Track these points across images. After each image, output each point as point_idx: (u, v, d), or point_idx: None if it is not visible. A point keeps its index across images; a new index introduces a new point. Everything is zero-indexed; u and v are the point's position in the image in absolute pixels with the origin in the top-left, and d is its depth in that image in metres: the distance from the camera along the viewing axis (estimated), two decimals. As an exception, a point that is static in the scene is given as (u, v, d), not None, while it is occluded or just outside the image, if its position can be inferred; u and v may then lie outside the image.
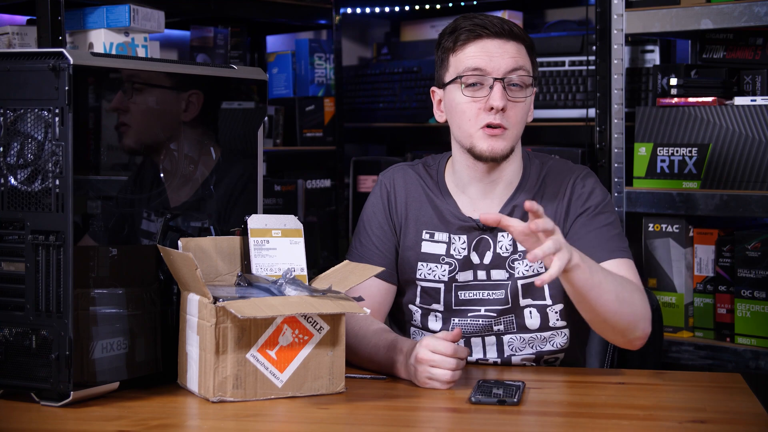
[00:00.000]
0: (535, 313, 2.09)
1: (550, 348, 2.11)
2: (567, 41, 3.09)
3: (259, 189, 2.06)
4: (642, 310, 1.96)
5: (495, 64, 2.03)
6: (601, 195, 2.11)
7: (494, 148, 2.03)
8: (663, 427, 1.67)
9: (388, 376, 1.96)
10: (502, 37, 2.04)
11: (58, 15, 2.46)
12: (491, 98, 2.02)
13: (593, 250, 2.01)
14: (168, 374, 1.87)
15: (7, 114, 1.74)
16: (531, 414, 1.74)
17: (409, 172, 2.19)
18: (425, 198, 2.15)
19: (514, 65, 2.03)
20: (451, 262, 2.11)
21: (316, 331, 1.80)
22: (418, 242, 2.13)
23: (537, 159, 2.17)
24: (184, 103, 1.93)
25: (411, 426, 1.72)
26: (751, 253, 2.69)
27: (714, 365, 2.75)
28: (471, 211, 2.11)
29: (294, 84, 3.47)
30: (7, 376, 1.76)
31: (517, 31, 2.06)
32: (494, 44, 2.04)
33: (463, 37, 2.05)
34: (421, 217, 2.14)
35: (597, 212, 2.08)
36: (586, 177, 2.12)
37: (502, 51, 2.04)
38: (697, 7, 2.74)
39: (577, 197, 2.10)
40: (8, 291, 1.75)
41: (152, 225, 1.88)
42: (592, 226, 2.07)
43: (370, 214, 2.18)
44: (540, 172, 2.14)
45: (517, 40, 2.05)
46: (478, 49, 2.04)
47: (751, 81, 2.79)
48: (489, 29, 2.04)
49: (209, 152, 2.00)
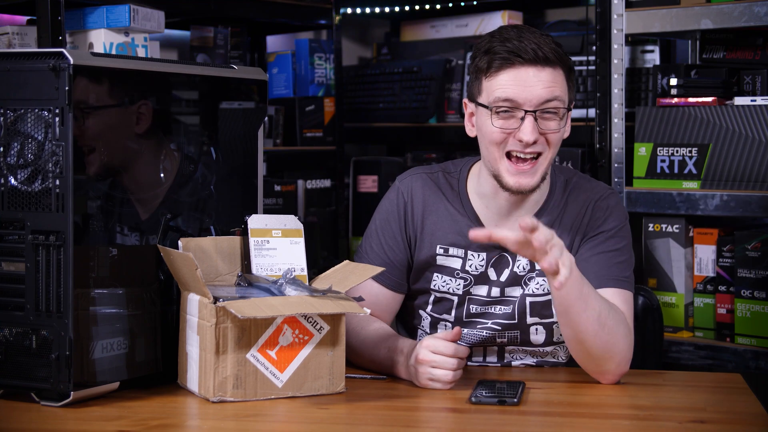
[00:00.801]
0: (541, 330, 2.08)
1: (552, 360, 2.11)
2: (567, 41, 3.09)
3: (259, 189, 2.06)
4: (621, 344, 1.90)
5: (527, 95, 1.94)
6: (618, 218, 2.06)
7: (521, 185, 1.98)
8: (663, 427, 1.67)
9: (389, 377, 1.96)
10: (537, 64, 1.94)
11: (58, 15, 2.46)
12: (521, 132, 1.94)
13: (592, 275, 1.97)
14: (168, 374, 1.87)
15: (7, 114, 1.74)
16: (531, 414, 1.74)
17: (428, 182, 2.11)
18: (444, 211, 2.09)
19: (548, 96, 1.94)
20: (466, 277, 2.07)
21: (316, 331, 1.80)
22: (432, 255, 2.09)
23: (562, 175, 2.11)
24: (134, 117, 1.88)
25: (411, 426, 1.72)
26: (751, 253, 2.69)
27: (714, 365, 2.75)
28: (493, 227, 2.05)
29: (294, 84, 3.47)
30: (7, 376, 1.76)
31: (552, 56, 1.95)
32: (529, 73, 1.94)
33: (496, 64, 1.95)
34: (436, 231, 2.08)
35: (609, 236, 2.04)
36: (606, 198, 2.07)
37: (537, 80, 1.94)
38: (697, 7, 2.74)
39: (594, 219, 2.05)
40: (8, 291, 1.75)
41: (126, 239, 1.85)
42: (599, 250, 2.03)
43: (383, 222, 2.12)
44: (564, 191, 2.09)
45: (553, 66, 1.96)
46: (510, 78, 1.94)
47: (751, 81, 2.79)
48: (523, 57, 1.93)
49: (160, 165, 1.95)
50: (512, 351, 2.09)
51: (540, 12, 3.53)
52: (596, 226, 2.05)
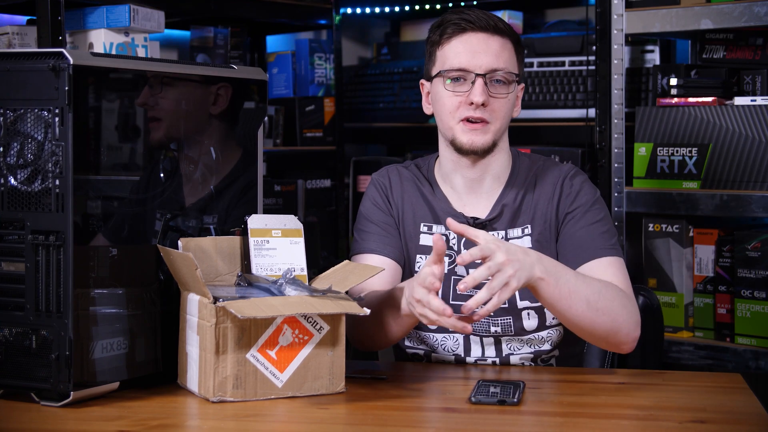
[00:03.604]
0: (533, 314, 2.09)
1: (547, 347, 2.11)
2: (567, 41, 3.09)
3: (259, 189, 2.06)
4: (623, 316, 1.95)
5: (478, 61, 2.03)
6: (590, 192, 2.11)
7: (474, 142, 2.05)
8: (663, 427, 1.67)
9: (388, 376, 1.96)
10: (486, 31, 2.05)
11: (58, 15, 2.46)
12: (472, 93, 2.03)
13: (579, 250, 2.03)
14: (168, 374, 1.87)
15: (7, 114, 1.74)
16: (531, 414, 1.74)
17: (402, 171, 2.21)
18: (419, 194, 2.17)
19: (497, 63, 2.04)
20: (450, 254, 2.11)
21: (316, 331, 1.80)
22: (416, 235, 2.14)
23: (527, 158, 2.18)
24: (212, 96, 1.94)
25: (411, 426, 1.72)
26: (751, 253, 2.69)
27: (714, 365, 2.75)
28: (461, 206, 2.13)
29: (294, 84, 3.47)
30: (7, 376, 1.76)
31: (502, 26, 2.06)
32: (478, 39, 2.05)
33: (449, 31, 2.07)
34: (417, 212, 2.16)
35: (585, 210, 2.09)
36: (574, 176, 2.13)
37: (486, 46, 2.04)
38: (697, 7, 2.74)
39: (565, 196, 2.10)
40: (8, 291, 1.75)
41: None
42: (579, 225, 2.07)
43: (369, 207, 2.19)
44: (529, 170, 2.14)
45: (502, 35, 2.06)
46: (462, 43, 2.05)
47: (751, 81, 2.79)
48: (474, 23, 2.05)
49: (219, 151, 1.99)
50: (509, 341, 2.09)
51: (540, 12, 3.54)
52: (569, 201, 2.09)
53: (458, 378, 1.98)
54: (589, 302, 1.90)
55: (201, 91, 1.94)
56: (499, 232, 2.10)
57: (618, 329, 1.94)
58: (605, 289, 1.95)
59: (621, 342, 1.97)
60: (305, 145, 3.37)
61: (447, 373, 2.02)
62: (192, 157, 1.94)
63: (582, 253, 2.03)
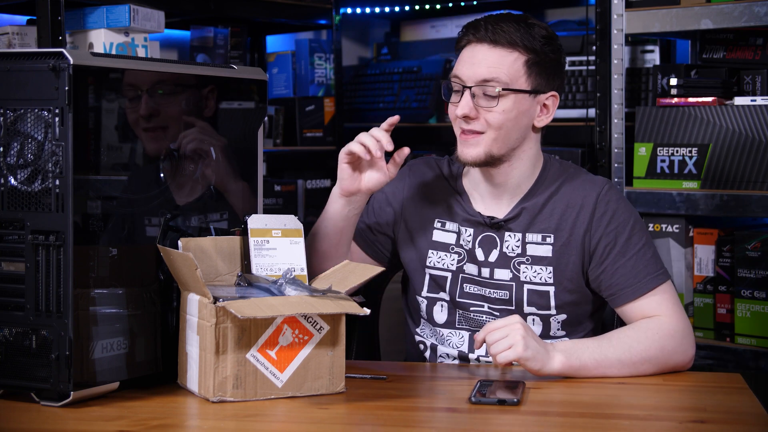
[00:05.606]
0: (537, 321, 2.08)
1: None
2: (567, 41, 3.09)
3: (259, 189, 2.06)
4: (667, 351, 1.96)
5: (468, 72, 2.00)
6: (627, 212, 2.06)
7: (464, 154, 2.03)
8: (663, 427, 1.67)
9: (388, 376, 1.96)
10: (489, 42, 2.00)
11: (58, 15, 2.46)
12: (458, 106, 2.01)
13: (628, 290, 2.01)
14: (168, 374, 1.87)
15: (7, 114, 1.74)
16: (531, 414, 1.74)
17: (431, 163, 2.20)
18: (441, 188, 2.16)
19: (486, 76, 1.98)
20: (460, 252, 2.11)
21: (316, 331, 1.80)
22: (429, 230, 2.14)
23: (558, 164, 2.13)
24: (204, 100, 1.94)
25: (411, 426, 1.72)
26: (751, 253, 2.69)
27: (714, 365, 2.75)
28: (482, 208, 2.11)
29: (294, 84, 3.47)
30: (7, 376, 1.76)
31: (506, 39, 1.99)
32: (479, 50, 2.01)
33: (461, 43, 2.06)
34: (435, 205, 2.15)
35: (627, 238, 2.03)
36: (608, 192, 2.07)
37: (482, 58, 1.99)
38: (697, 7, 2.74)
39: (600, 215, 2.05)
40: (8, 291, 1.75)
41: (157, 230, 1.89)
42: (624, 259, 2.03)
43: (380, 200, 2.21)
44: (557, 177, 2.10)
45: (511, 48, 1.99)
46: (466, 54, 2.03)
47: (751, 81, 2.79)
48: (476, 34, 2.01)
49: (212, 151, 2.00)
50: None
51: (540, 12, 3.54)
52: (605, 222, 2.04)
53: (458, 378, 1.98)
54: (622, 361, 1.93)
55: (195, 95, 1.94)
56: (515, 233, 2.08)
57: (664, 365, 1.96)
58: (637, 338, 1.96)
59: (677, 368, 1.98)
60: (305, 145, 3.37)
61: (447, 373, 2.02)
62: (192, 157, 1.93)
63: (631, 294, 2.01)
